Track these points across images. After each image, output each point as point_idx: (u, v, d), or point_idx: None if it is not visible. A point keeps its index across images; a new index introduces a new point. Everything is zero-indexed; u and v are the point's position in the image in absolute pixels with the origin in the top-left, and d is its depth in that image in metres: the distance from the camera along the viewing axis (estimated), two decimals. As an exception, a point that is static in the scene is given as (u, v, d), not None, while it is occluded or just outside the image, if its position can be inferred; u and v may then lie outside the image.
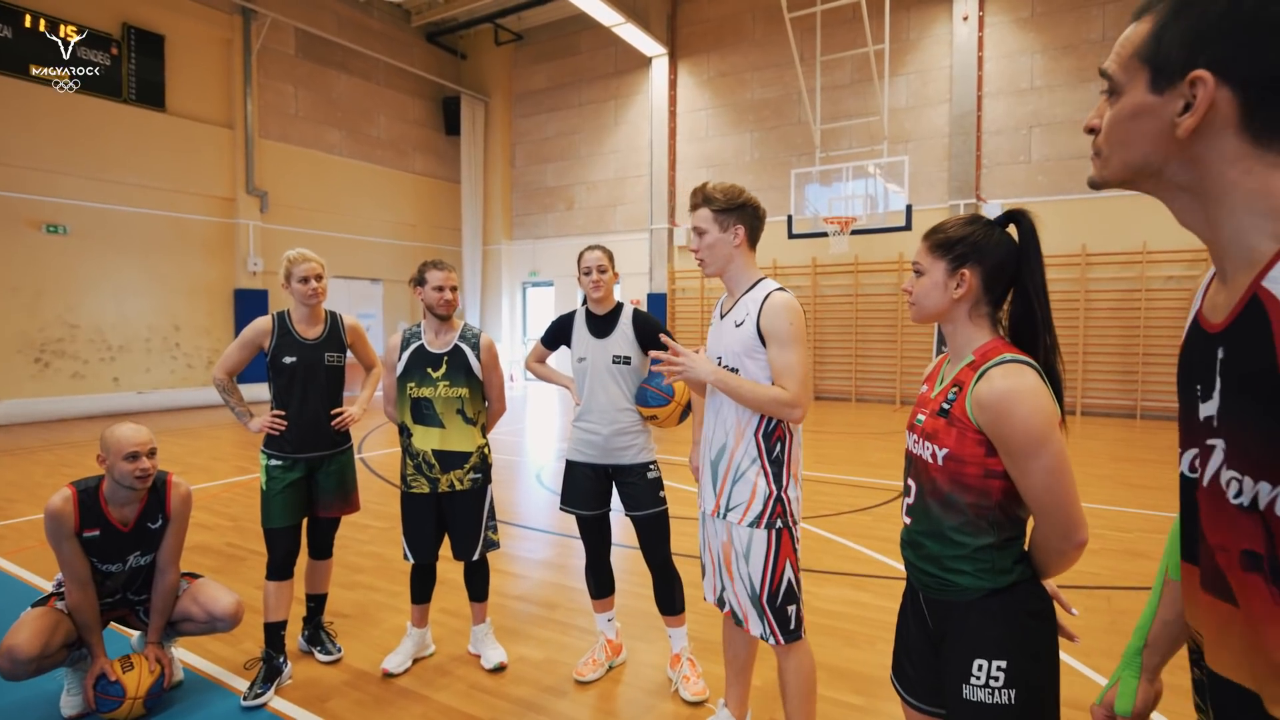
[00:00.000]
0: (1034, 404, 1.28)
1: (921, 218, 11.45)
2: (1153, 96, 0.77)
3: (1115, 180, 0.85)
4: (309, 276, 3.00)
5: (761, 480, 2.07)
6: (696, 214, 2.17)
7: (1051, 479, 1.28)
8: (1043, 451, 1.28)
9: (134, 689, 2.54)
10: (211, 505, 5.69)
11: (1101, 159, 0.85)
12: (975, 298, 1.44)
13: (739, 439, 2.09)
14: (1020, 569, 1.37)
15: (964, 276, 1.42)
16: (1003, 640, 1.35)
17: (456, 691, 2.84)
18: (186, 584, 2.85)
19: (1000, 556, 1.36)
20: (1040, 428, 1.27)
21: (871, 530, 4.96)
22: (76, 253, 10.56)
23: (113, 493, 2.60)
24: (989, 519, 1.36)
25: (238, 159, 12.52)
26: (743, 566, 2.09)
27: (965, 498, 1.37)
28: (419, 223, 16.24)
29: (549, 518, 5.43)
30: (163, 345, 11.63)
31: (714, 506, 2.16)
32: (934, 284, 1.47)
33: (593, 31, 14.98)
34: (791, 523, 2.09)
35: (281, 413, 2.98)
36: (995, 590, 1.36)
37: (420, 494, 2.97)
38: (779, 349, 2.02)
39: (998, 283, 1.43)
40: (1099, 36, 10.69)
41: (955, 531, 1.39)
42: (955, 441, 1.37)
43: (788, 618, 2.08)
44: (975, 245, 1.42)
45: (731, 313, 2.16)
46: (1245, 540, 0.72)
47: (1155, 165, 0.80)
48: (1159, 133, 0.77)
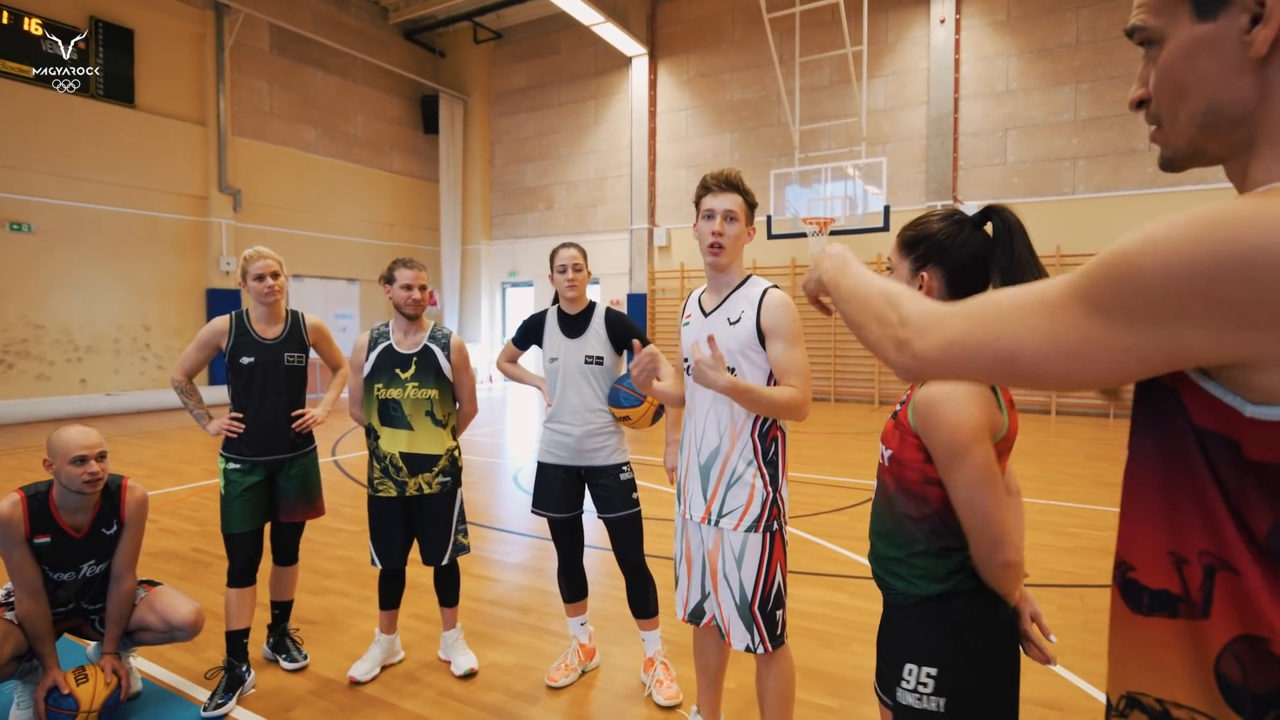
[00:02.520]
0: (960, 413, 1.25)
1: (899, 219, 11.51)
2: (1205, 25, 0.64)
3: (1186, 145, 0.69)
4: (264, 274, 2.91)
5: (759, 482, 2.00)
6: (730, 197, 2.05)
7: (971, 492, 1.25)
8: (962, 463, 1.25)
9: (88, 702, 2.45)
10: (179, 510, 5.56)
11: (1164, 129, 0.70)
12: (939, 300, 1.41)
13: (734, 441, 2.01)
14: (958, 579, 1.33)
15: (923, 279, 1.38)
16: (933, 648, 1.33)
17: (425, 699, 2.78)
18: (144, 592, 2.76)
19: (935, 564, 1.34)
20: (961, 439, 1.24)
21: (848, 530, 4.95)
22: (42, 251, 10.30)
23: (63, 499, 2.50)
24: (928, 526, 1.34)
25: (210, 156, 12.30)
26: (734, 573, 2.02)
27: (907, 502, 1.36)
28: (397, 222, 16.08)
29: (525, 520, 5.37)
30: (132, 346, 11.38)
31: (704, 513, 2.07)
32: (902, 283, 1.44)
33: (572, 31, 14.92)
34: (784, 522, 2.06)
35: (240, 415, 2.90)
36: (929, 597, 1.34)
37: (388, 497, 2.90)
38: (784, 346, 1.96)
39: (963, 286, 1.35)
40: (1073, 40, 10.83)
41: (894, 534, 1.38)
42: (899, 445, 1.36)
43: (776, 623, 2.03)
44: (938, 246, 1.36)
45: (723, 309, 2.08)
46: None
47: (1227, 110, 0.64)
48: (1223, 64, 0.63)
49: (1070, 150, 10.93)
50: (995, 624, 1.33)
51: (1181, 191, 10.14)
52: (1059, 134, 11.00)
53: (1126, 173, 10.48)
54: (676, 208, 14.31)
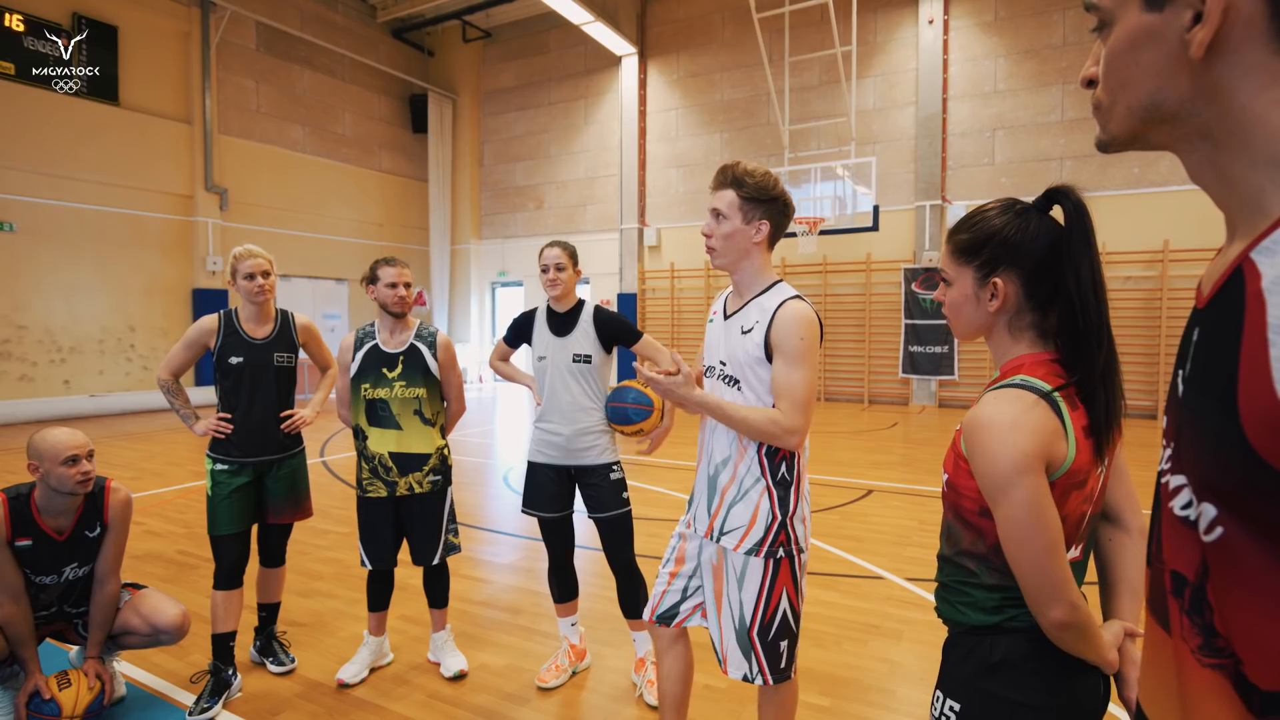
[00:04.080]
0: (1001, 441, 1.07)
1: (888, 218, 11.58)
2: (1151, 15, 0.61)
3: (1124, 134, 0.67)
4: (254, 273, 2.88)
5: (765, 503, 1.83)
6: (719, 195, 1.89)
7: (1012, 532, 1.08)
8: (1002, 500, 1.08)
9: (71, 707, 2.42)
10: (165, 511, 5.50)
11: (1103, 112, 0.68)
12: (1015, 308, 1.19)
13: (742, 453, 1.86)
14: (1013, 614, 1.15)
15: (997, 286, 1.17)
16: (962, 682, 1.19)
17: (415, 701, 2.76)
18: (128, 595, 2.72)
19: (986, 595, 1.18)
20: (1002, 471, 1.07)
21: (839, 529, 4.96)
22: (24, 250, 10.17)
23: (46, 501, 2.46)
24: (987, 564, 1.17)
25: (196, 155, 12.18)
26: (734, 595, 1.86)
27: (963, 534, 1.20)
28: (386, 222, 15.98)
29: (516, 521, 5.34)
30: (117, 346, 11.25)
31: (708, 529, 1.92)
32: (964, 297, 1.22)
33: (562, 30, 14.89)
34: (796, 550, 1.87)
35: (228, 415, 2.86)
36: (974, 628, 1.19)
37: (377, 498, 2.87)
38: (784, 366, 1.79)
39: (1042, 287, 1.16)
40: (1060, 41, 10.90)
41: (952, 564, 1.24)
42: (954, 469, 1.20)
43: (779, 654, 1.85)
44: (1007, 244, 1.16)
45: (739, 315, 1.91)
46: (1182, 560, 0.61)
47: (1168, 105, 0.62)
48: (1166, 60, 0.61)
49: (1057, 150, 11.00)
50: (1039, 673, 1.13)
51: (1167, 192, 10.24)
52: (1046, 134, 11.07)
53: (1113, 173, 10.56)
54: (667, 207, 14.31)
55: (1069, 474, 1.10)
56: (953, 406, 11.80)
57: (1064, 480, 1.09)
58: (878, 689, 2.84)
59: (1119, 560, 1.24)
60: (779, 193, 1.88)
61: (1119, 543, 1.25)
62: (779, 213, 1.89)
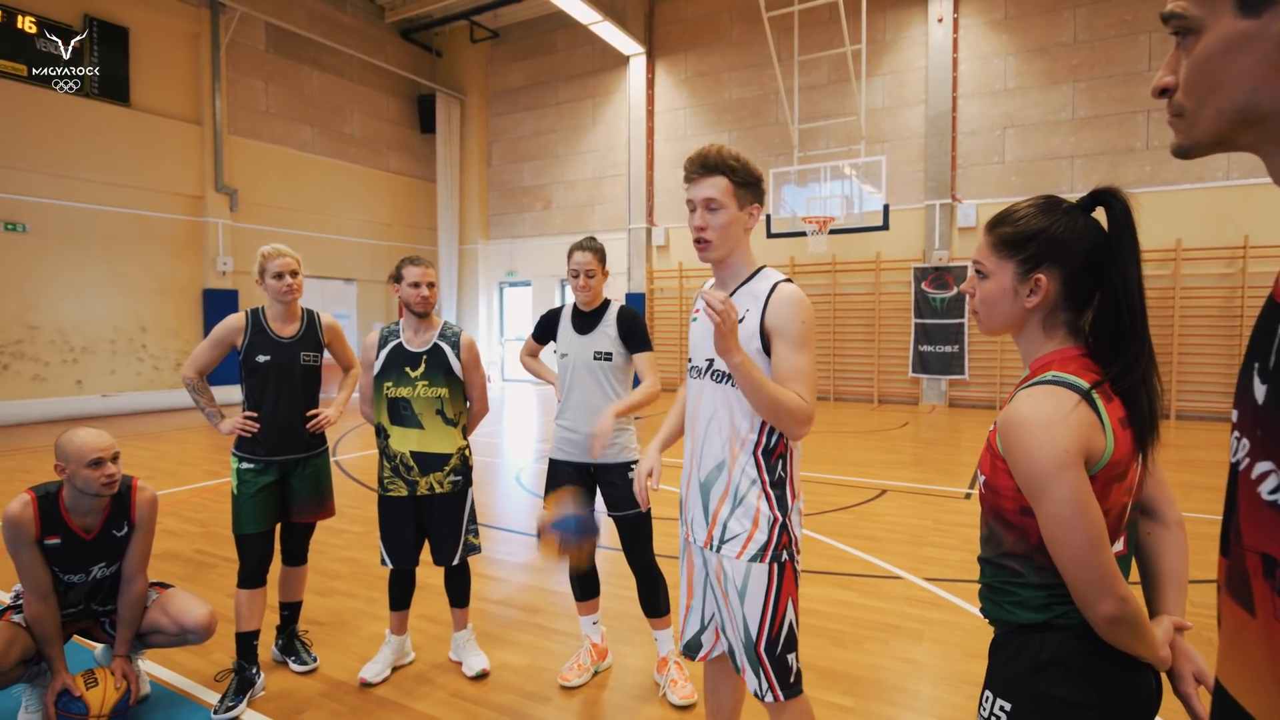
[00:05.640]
0: (1038, 437, 1.07)
1: (898, 217, 11.54)
2: (1248, 21, 0.63)
3: (1210, 137, 0.69)
4: (284, 272, 2.89)
5: (765, 506, 1.73)
6: (709, 182, 1.75)
7: (1055, 530, 1.07)
8: (1042, 497, 1.08)
9: (98, 706, 2.43)
10: (180, 511, 5.52)
11: (1187, 118, 0.70)
12: (1052, 305, 1.20)
13: (735, 456, 1.74)
14: (1062, 611, 1.14)
15: (1039, 282, 1.18)
16: (1011, 681, 1.17)
17: (437, 700, 2.76)
18: (155, 594, 2.73)
19: (1033, 594, 1.16)
20: (1041, 468, 1.07)
21: (854, 529, 4.95)
22: (36, 251, 10.22)
23: (74, 501, 2.47)
24: (1033, 564, 1.16)
25: (206, 156, 12.22)
26: (738, 607, 1.75)
27: (1005, 535, 1.18)
28: (394, 222, 16.01)
29: (529, 520, 5.34)
30: (128, 347, 11.30)
31: (706, 538, 1.80)
32: (1001, 290, 1.22)
33: (570, 30, 14.89)
34: (795, 551, 1.77)
35: (254, 414, 2.87)
36: (1022, 626, 1.17)
37: (398, 497, 2.88)
38: (788, 350, 1.67)
39: (1083, 286, 1.17)
40: (1071, 39, 10.85)
41: (995, 565, 1.22)
42: (990, 470, 1.19)
43: (788, 668, 1.74)
44: (1055, 242, 1.17)
45: None
46: (1272, 543, 0.64)
47: (1262, 107, 0.64)
48: (1263, 63, 0.63)
49: (1068, 149, 10.96)
50: (1093, 671, 1.11)
51: (1179, 190, 10.18)
52: (1056, 133, 11.02)
53: (1124, 171, 10.51)
54: (674, 207, 14.29)
55: (1109, 466, 1.09)
56: (963, 406, 11.76)
57: (1104, 473, 1.09)
58: (901, 689, 2.83)
59: (1160, 553, 1.24)
60: (758, 175, 1.82)
61: (1158, 535, 1.25)
62: (761, 196, 1.82)
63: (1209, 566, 4.07)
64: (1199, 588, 3.77)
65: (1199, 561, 4.47)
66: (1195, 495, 5.71)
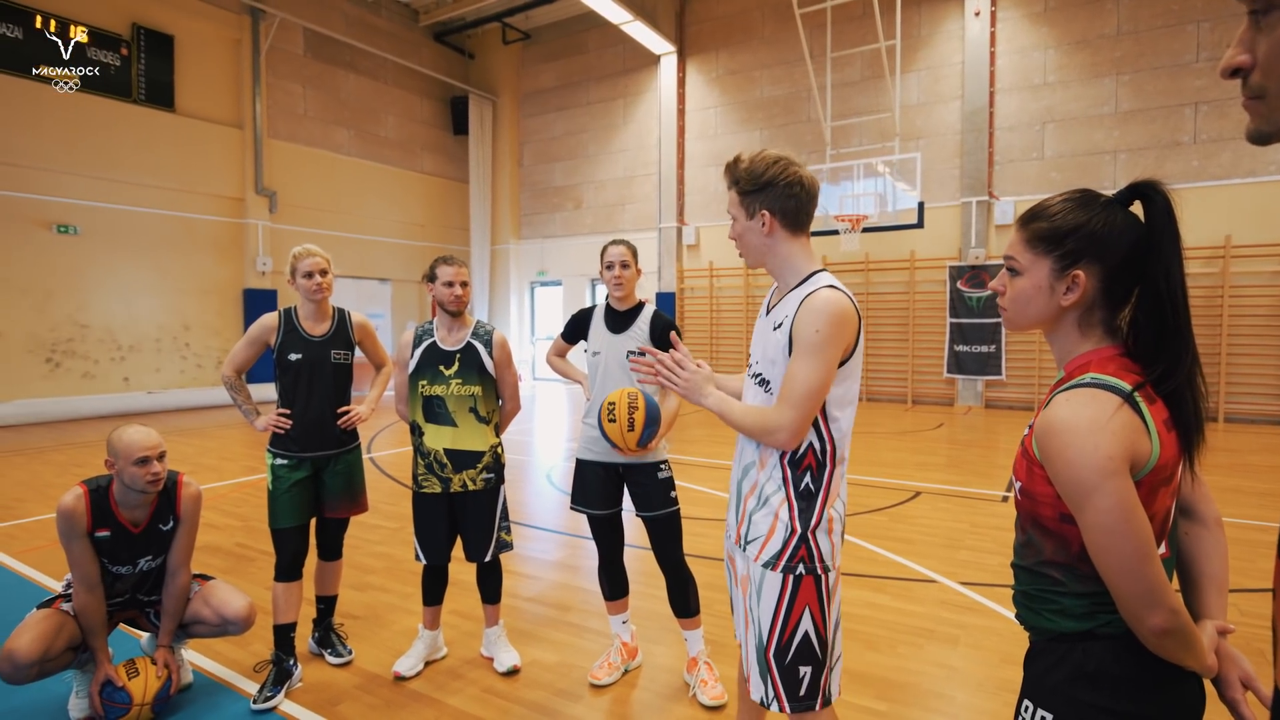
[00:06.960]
0: (1081, 444, 1.02)
1: (933, 215, 11.35)
2: None
3: None
4: (314, 271, 2.95)
5: (785, 513, 1.67)
6: (729, 194, 1.76)
7: (1101, 539, 1.03)
8: (1087, 505, 1.03)
9: (140, 695, 2.50)
10: (221, 505, 5.66)
11: (1268, 101, 0.64)
12: (1089, 303, 1.16)
13: (764, 460, 1.71)
14: (1102, 620, 1.10)
15: (1077, 279, 1.14)
16: (1053, 690, 1.13)
17: (469, 695, 2.79)
18: (198, 586, 2.81)
19: (1076, 602, 1.13)
20: (1086, 477, 1.02)
21: (888, 531, 4.88)
22: (86, 253, 10.58)
23: (123, 496, 2.56)
24: (1075, 573, 1.12)
25: (247, 159, 12.53)
26: (754, 607, 1.71)
27: (1044, 543, 1.15)
28: (428, 222, 16.23)
29: (560, 518, 5.37)
30: (172, 345, 11.64)
31: (737, 535, 1.78)
32: (1036, 287, 1.18)
33: (601, 30, 14.93)
34: (821, 568, 1.66)
35: (287, 411, 2.94)
36: (1063, 634, 1.14)
37: (432, 494, 2.91)
38: (795, 357, 1.62)
39: (1121, 283, 1.14)
40: (1114, 31, 10.55)
41: (1033, 574, 1.19)
42: (1027, 477, 1.15)
43: (798, 681, 1.66)
44: (1094, 237, 1.12)
45: (774, 311, 1.74)
46: None
47: None
48: None
49: (1110, 144, 10.66)
50: (1139, 682, 1.08)
51: (1229, 185, 9.84)
52: (1098, 127, 10.73)
53: (1170, 166, 10.19)
54: (705, 206, 14.25)
55: (1155, 471, 1.05)
56: (999, 407, 11.53)
57: (1150, 478, 1.05)
58: (935, 694, 2.78)
59: (1200, 554, 1.19)
60: (772, 174, 1.66)
61: (1197, 535, 1.20)
62: (782, 194, 1.66)
63: (1260, 575, 3.93)
64: (1249, 596, 3.64)
65: (1251, 570, 4.30)
66: (1247, 501, 5.52)
